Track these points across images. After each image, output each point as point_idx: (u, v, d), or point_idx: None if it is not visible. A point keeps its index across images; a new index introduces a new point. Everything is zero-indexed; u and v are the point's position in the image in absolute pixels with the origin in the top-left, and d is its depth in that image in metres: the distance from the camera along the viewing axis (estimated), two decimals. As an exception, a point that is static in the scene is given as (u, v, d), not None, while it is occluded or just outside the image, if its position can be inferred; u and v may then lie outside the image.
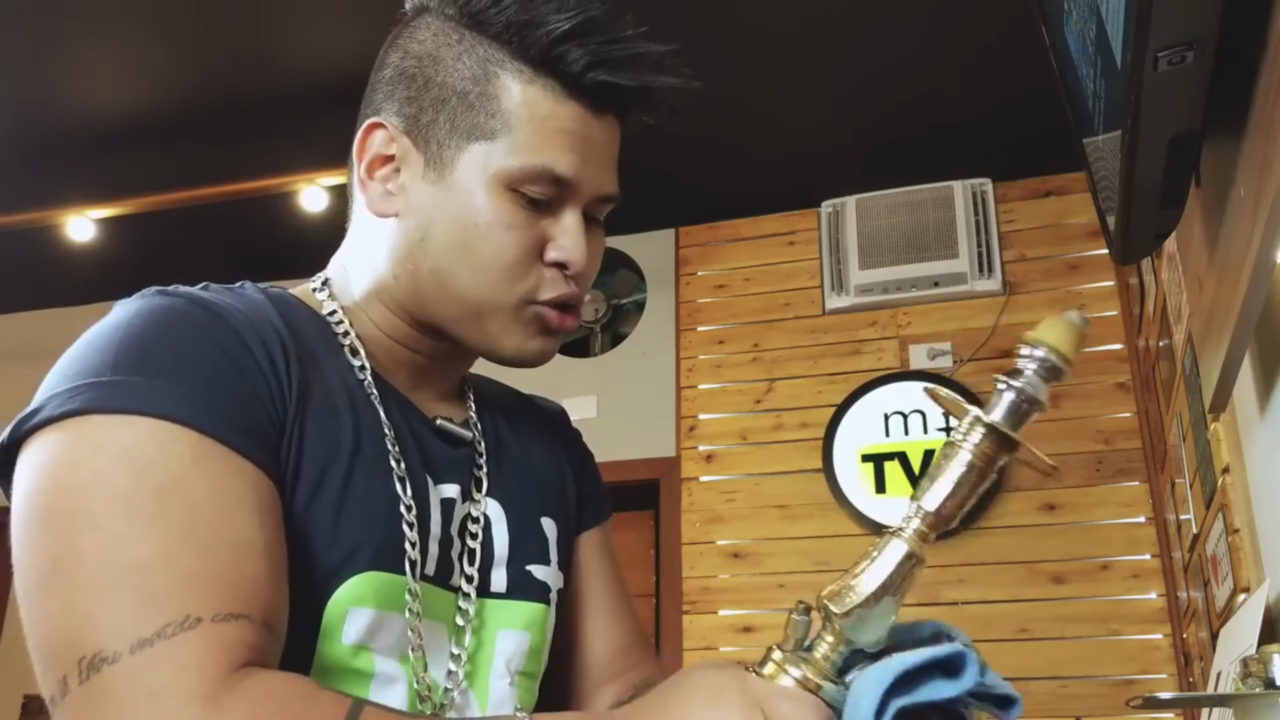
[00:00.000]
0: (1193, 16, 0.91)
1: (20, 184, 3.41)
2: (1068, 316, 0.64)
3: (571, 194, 0.84)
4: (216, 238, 3.73)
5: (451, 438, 0.89)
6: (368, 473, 0.79)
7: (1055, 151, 3.21)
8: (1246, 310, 1.14)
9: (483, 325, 0.85)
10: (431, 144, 0.84)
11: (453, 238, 0.83)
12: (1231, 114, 1.06)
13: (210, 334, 0.73)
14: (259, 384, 0.74)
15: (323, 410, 0.78)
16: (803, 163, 3.47)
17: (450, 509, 0.86)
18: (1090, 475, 3.18)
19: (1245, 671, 1.01)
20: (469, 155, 0.82)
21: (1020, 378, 0.64)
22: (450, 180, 0.83)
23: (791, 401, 3.52)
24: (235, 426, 0.70)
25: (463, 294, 0.84)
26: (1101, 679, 2.99)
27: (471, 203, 0.82)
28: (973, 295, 3.43)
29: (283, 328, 0.79)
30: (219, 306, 0.76)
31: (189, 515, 0.65)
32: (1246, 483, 1.56)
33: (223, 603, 0.63)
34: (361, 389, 0.84)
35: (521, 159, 0.81)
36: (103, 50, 2.92)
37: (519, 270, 0.83)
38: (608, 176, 0.87)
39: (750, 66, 2.97)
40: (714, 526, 3.46)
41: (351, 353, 0.85)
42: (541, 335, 0.86)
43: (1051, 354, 0.63)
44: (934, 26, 2.82)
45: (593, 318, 3.83)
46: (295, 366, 0.77)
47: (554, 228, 0.84)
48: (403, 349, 0.88)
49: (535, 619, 0.89)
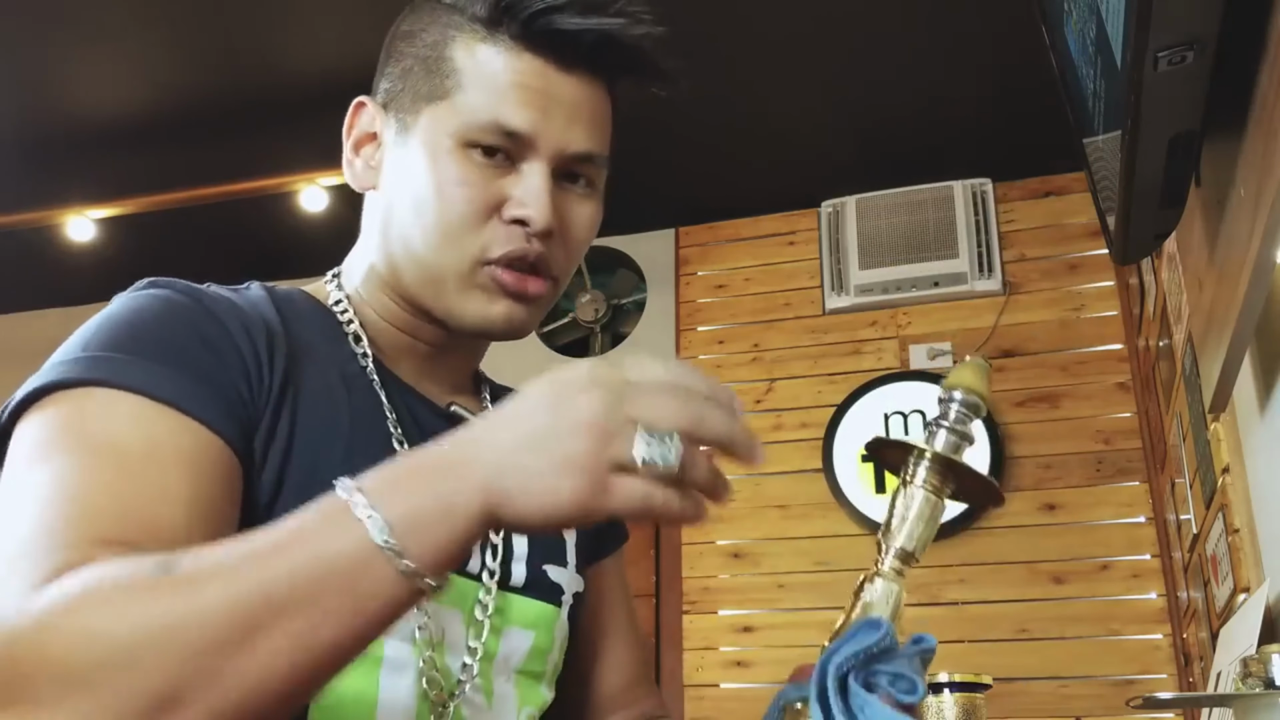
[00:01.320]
0: (1193, 16, 0.91)
1: (20, 184, 3.41)
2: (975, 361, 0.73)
3: (530, 149, 0.82)
4: (216, 238, 3.72)
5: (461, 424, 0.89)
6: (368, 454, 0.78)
7: (1055, 151, 3.21)
8: (1246, 310, 1.14)
9: (441, 290, 0.84)
10: (400, 112, 0.85)
11: (411, 198, 0.83)
12: (1231, 114, 1.06)
13: (184, 315, 0.76)
14: (231, 361, 0.75)
15: (316, 395, 0.79)
16: (803, 163, 3.47)
17: None
18: (1090, 475, 3.18)
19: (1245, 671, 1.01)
20: (425, 117, 0.83)
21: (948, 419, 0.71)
22: (411, 143, 0.84)
23: (791, 401, 3.52)
24: (191, 394, 0.71)
25: (419, 257, 0.83)
26: (1101, 679, 2.98)
27: (426, 161, 0.82)
28: (973, 295, 3.43)
29: (274, 320, 0.80)
30: (201, 294, 0.78)
31: (114, 464, 0.66)
32: (1246, 483, 1.56)
33: (113, 531, 0.63)
34: (363, 376, 0.84)
35: (471, 112, 0.81)
36: (103, 50, 2.92)
37: (470, 227, 0.82)
38: (577, 133, 0.83)
39: (750, 67, 2.97)
40: (714, 526, 3.46)
41: (354, 340, 0.86)
42: (505, 299, 0.84)
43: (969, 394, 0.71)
44: (934, 27, 2.82)
45: (593, 318, 3.83)
46: (281, 354, 0.78)
47: (515, 185, 0.82)
48: (404, 336, 0.88)
49: (544, 619, 0.89)
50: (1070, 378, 3.30)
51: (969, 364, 0.72)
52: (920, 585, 3.15)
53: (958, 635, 3.11)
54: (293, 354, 0.79)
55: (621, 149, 0.90)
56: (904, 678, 0.63)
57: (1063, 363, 3.32)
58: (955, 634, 3.11)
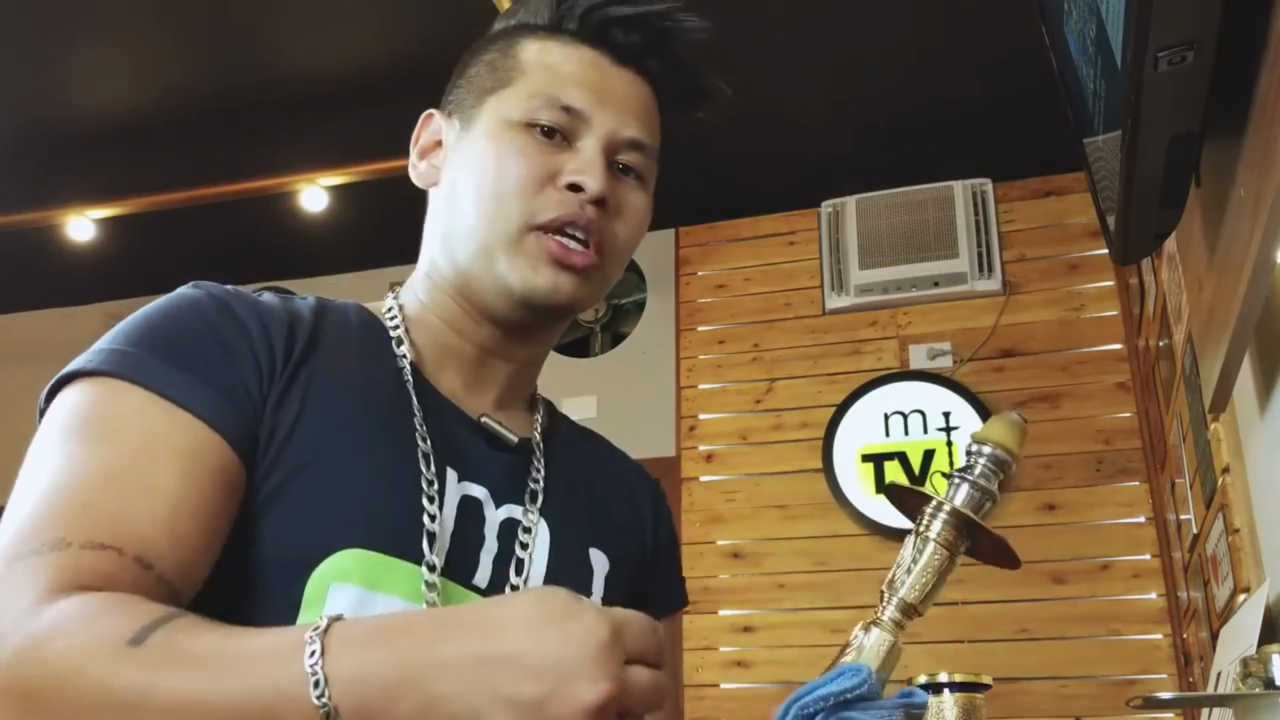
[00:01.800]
0: (1193, 16, 0.91)
1: (20, 184, 3.41)
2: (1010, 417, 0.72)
3: (585, 128, 0.87)
4: (216, 238, 3.73)
5: (495, 439, 0.89)
6: (379, 455, 0.80)
7: (1055, 151, 3.21)
8: (1246, 310, 1.14)
9: (491, 261, 0.86)
10: (464, 110, 0.91)
11: (471, 178, 0.88)
12: (1231, 114, 1.06)
13: (204, 316, 0.79)
14: (242, 360, 0.78)
15: (332, 387, 0.81)
16: (803, 163, 3.47)
17: (474, 508, 0.85)
18: (1090, 475, 3.18)
19: (1245, 671, 1.01)
20: (489, 107, 0.89)
21: (973, 472, 0.70)
22: (474, 131, 0.89)
23: (791, 401, 3.52)
24: (196, 393, 0.74)
25: (472, 227, 0.87)
26: (1101, 679, 2.98)
27: (488, 143, 0.87)
28: (973, 295, 3.43)
29: (306, 319, 0.84)
30: (229, 295, 0.82)
31: (110, 456, 0.71)
32: (1246, 483, 1.56)
33: (96, 533, 0.67)
34: (397, 377, 0.86)
35: (531, 93, 0.87)
36: (103, 50, 2.92)
37: (524, 193, 0.85)
38: (628, 119, 0.89)
39: (750, 67, 2.97)
40: (714, 526, 3.46)
41: (397, 344, 0.88)
42: (550, 267, 0.85)
43: (998, 449, 0.70)
44: (934, 27, 2.82)
45: (593, 318, 3.83)
46: (300, 344, 0.81)
47: (571, 159, 0.86)
48: (453, 336, 0.90)
49: None
50: (1070, 378, 3.30)
51: (1003, 419, 0.70)
52: (920, 585, 3.15)
53: (958, 635, 3.11)
54: (314, 345, 0.82)
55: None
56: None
57: (1063, 363, 3.32)
58: (955, 634, 3.11)
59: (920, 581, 0.69)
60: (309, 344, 0.82)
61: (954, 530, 0.69)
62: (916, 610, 0.69)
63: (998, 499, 0.70)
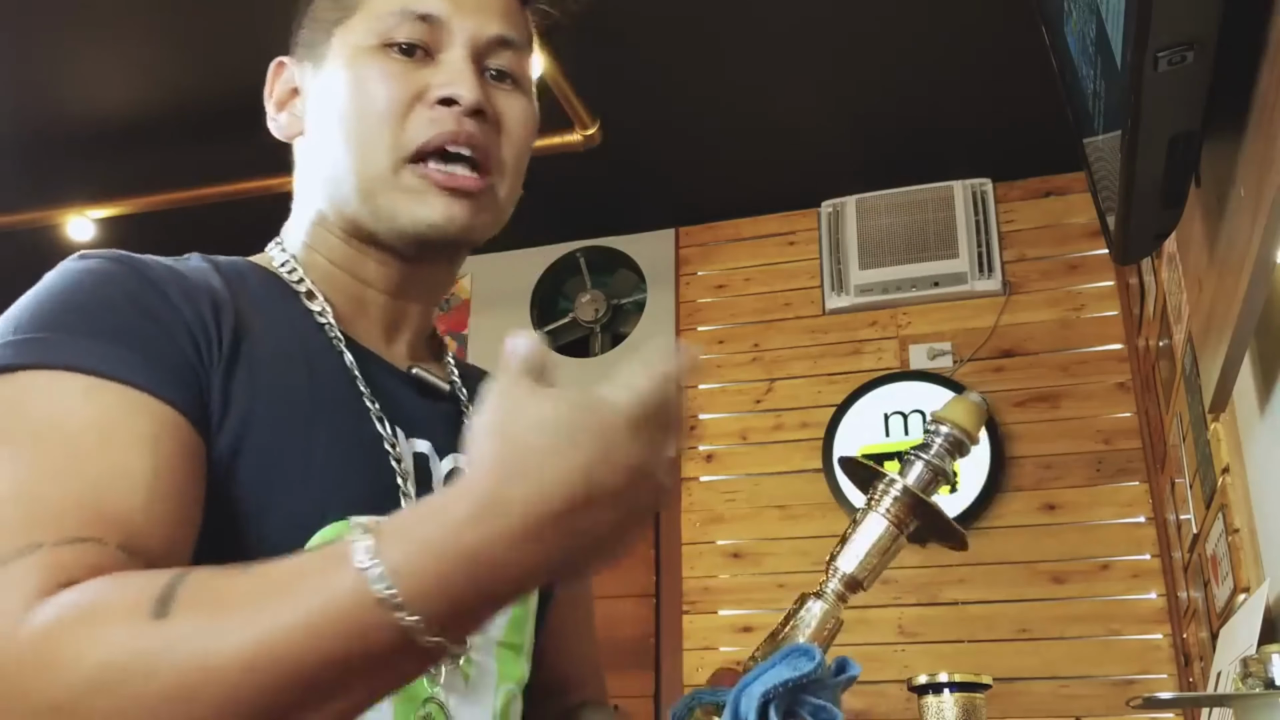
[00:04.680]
0: (1193, 16, 0.91)
1: (20, 184, 3.40)
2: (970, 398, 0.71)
3: (446, 36, 0.81)
4: (216, 238, 3.71)
5: (428, 389, 0.86)
6: (334, 420, 0.76)
7: (1055, 151, 3.20)
8: (1246, 310, 1.14)
9: (374, 201, 0.81)
10: (314, 50, 0.85)
11: (334, 116, 0.82)
12: (1231, 114, 1.06)
13: (119, 284, 0.72)
14: (175, 329, 0.71)
15: (272, 361, 0.76)
16: (803, 163, 3.47)
17: (424, 465, 0.82)
18: (1090, 475, 3.18)
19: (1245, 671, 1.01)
20: (337, 39, 0.83)
21: (929, 451, 0.70)
22: (326, 69, 0.83)
23: (791, 401, 3.52)
24: (137, 366, 0.68)
25: (349, 168, 0.81)
26: (1101, 679, 2.98)
27: (344, 75, 0.81)
28: (973, 295, 3.43)
29: (220, 285, 0.77)
30: (136, 260, 0.75)
31: (63, 449, 0.63)
32: (1246, 483, 1.55)
33: (70, 528, 0.60)
34: (323, 334, 0.81)
35: (378, 12, 0.81)
36: (102, 50, 2.92)
37: (393, 119, 0.79)
38: (491, 17, 0.82)
39: (750, 66, 2.97)
40: (714, 526, 3.46)
41: (308, 298, 0.83)
42: (440, 196, 0.80)
43: (955, 430, 0.69)
44: (934, 26, 2.82)
45: (592, 318, 3.83)
46: (228, 320, 0.75)
47: (437, 73, 0.80)
48: (353, 282, 0.85)
49: None
50: (1070, 378, 3.30)
51: (963, 400, 0.70)
52: (920, 585, 3.15)
53: (958, 635, 3.11)
54: (241, 319, 0.76)
55: (622, 149, 0.90)
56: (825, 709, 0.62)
57: (1063, 363, 3.32)
58: (955, 634, 3.11)
59: (865, 556, 0.69)
60: (236, 314, 0.76)
61: (903, 507, 0.69)
62: (861, 586, 0.69)
63: (951, 479, 0.70)
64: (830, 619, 0.68)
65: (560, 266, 3.88)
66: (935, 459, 0.69)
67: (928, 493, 0.69)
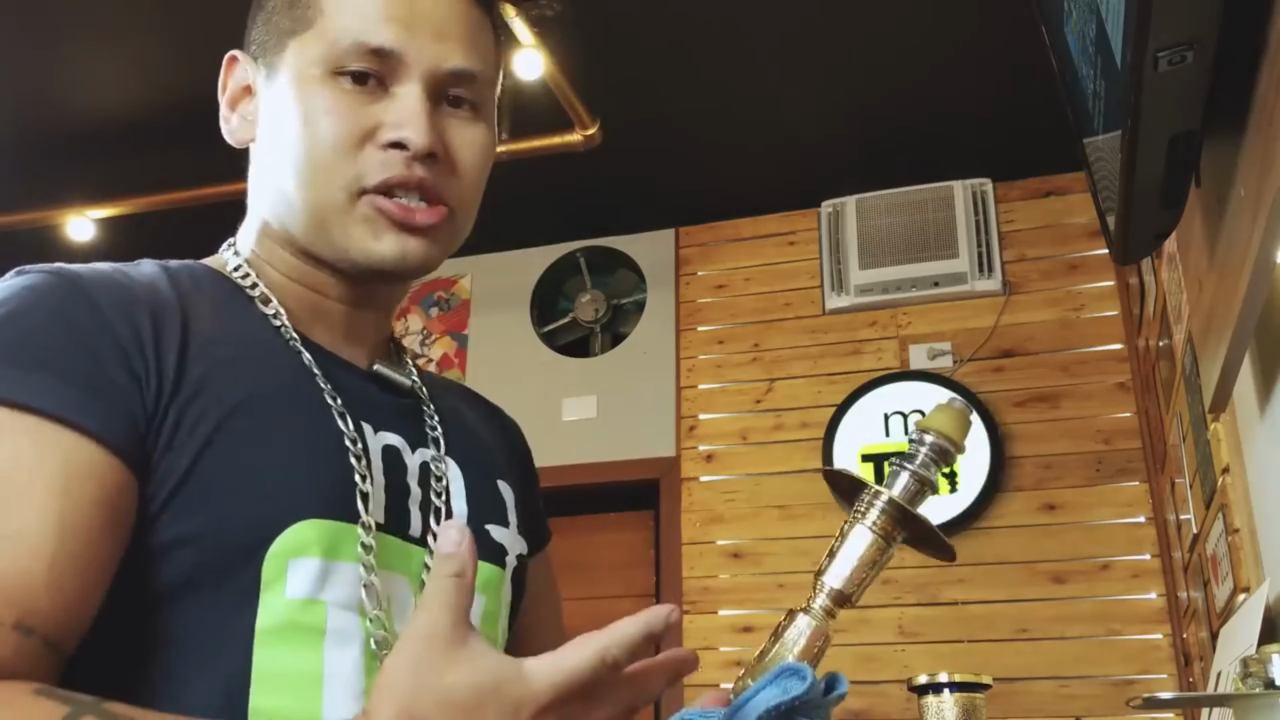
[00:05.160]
0: (1193, 16, 0.91)
1: (20, 184, 3.41)
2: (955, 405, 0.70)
3: (403, 69, 0.77)
4: (216, 238, 3.71)
5: (389, 385, 0.85)
6: (295, 421, 0.75)
7: (1055, 151, 3.21)
8: (1246, 310, 1.14)
9: (323, 230, 0.79)
10: (267, 56, 0.82)
11: (284, 138, 0.79)
12: (1231, 114, 1.06)
13: (49, 304, 0.69)
14: (105, 350, 0.68)
15: (225, 363, 0.74)
16: (803, 163, 3.47)
17: (396, 457, 0.81)
18: (1090, 475, 3.18)
19: (1245, 671, 1.01)
20: (291, 52, 0.79)
21: (914, 461, 0.68)
22: (279, 82, 0.80)
23: (791, 401, 3.52)
24: (60, 396, 0.65)
25: (296, 197, 0.79)
26: (1101, 679, 2.98)
27: (295, 96, 0.78)
28: (973, 295, 3.43)
29: (166, 294, 0.75)
30: (71, 275, 0.72)
31: None
32: (1246, 483, 1.55)
33: None
34: (279, 336, 0.79)
35: (336, 38, 0.77)
36: (102, 50, 2.92)
37: (341, 155, 0.77)
38: (450, 48, 0.78)
39: (750, 66, 2.97)
40: (714, 526, 3.46)
41: (263, 302, 0.81)
42: (392, 231, 0.78)
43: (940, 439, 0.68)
44: (934, 27, 2.82)
45: (592, 318, 3.83)
46: (174, 330, 0.72)
47: (389, 109, 0.77)
48: (312, 294, 0.83)
49: (490, 581, 0.85)
50: (1070, 378, 3.30)
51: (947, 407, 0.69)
52: (920, 585, 3.15)
53: (958, 635, 3.11)
54: (189, 328, 0.74)
55: (622, 149, 0.89)
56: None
57: (1063, 363, 3.32)
58: (955, 634, 3.11)
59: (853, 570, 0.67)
60: (183, 323, 0.73)
61: (890, 519, 0.68)
62: (849, 601, 0.68)
63: (936, 488, 0.69)
64: (819, 636, 0.67)
65: (560, 266, 3.88)
66: (921, 469, 0.68)
67: (914, 504, 0.68)
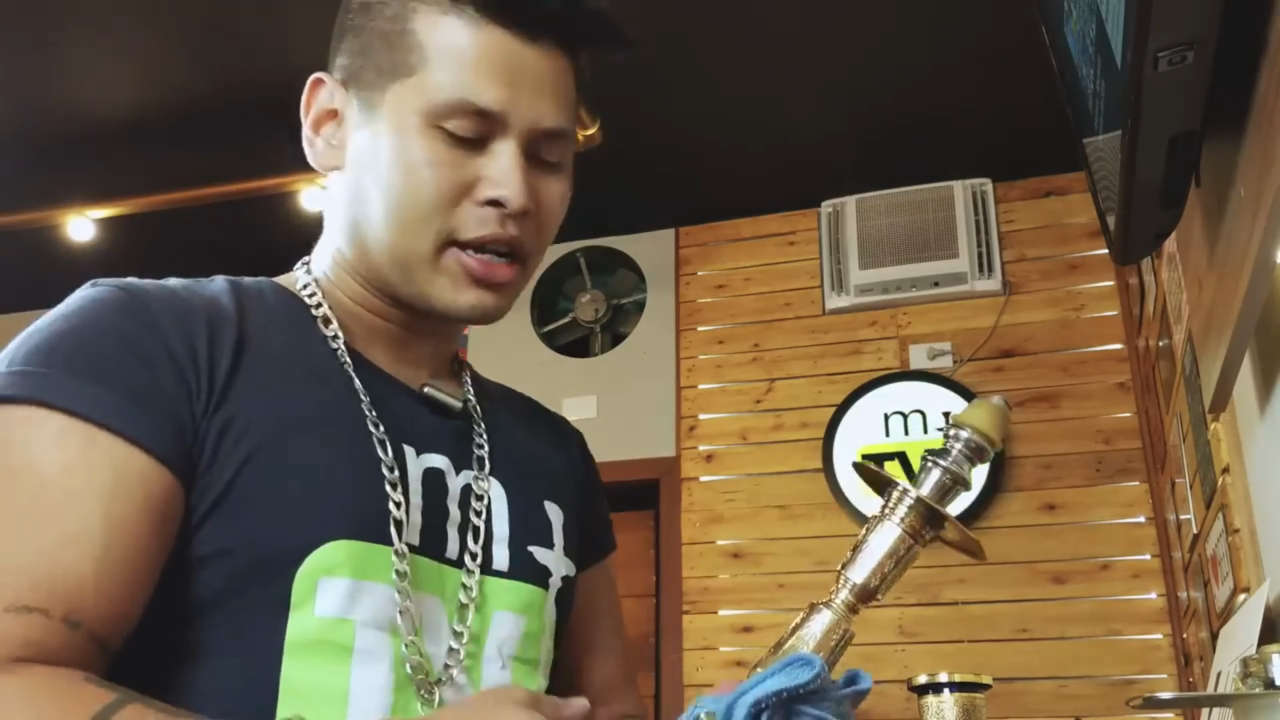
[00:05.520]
0: (1193, 16, 0.91)
1: (20, 184, 3.41)
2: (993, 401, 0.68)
3: (502, 128, 0.79)
4: (216, 238, 3.72)
5: (439, 407, 0.87)
6: (334, 440, 0.77)
7: (1055, 151, 3.21)
8: (1246, 310, 1.14)
9: (408, 274, 0.82)
10: (363, 90, 0.82)
11: (379, 180, 0.80)
12: (1231, 114, 1.06)
13: (112, 319, 0.73)
14: (161, 363, 0.72)
15: (275, 380, 0.76)
16: (803, 163, 3.47)
17: (438, 480, 0.83)
18: (1090, 475, 3.18)
19: (1245, 671, 1.01)
20: (392, 94, 0.80)
21: (947, 457, 0.67)
22: (378, 123, 0.81)
23: (791, 401, 3.52)
24: (114, 408, 0.69)
25: (386, 240, 0.81)
26: (1101, 679, 2.98)
27: (395, 143, 0.79)
28: (973, 295, 3.43)
29: (227, 309, 0.78)
30: (136, 290, 0.76)
31: (28, 499, 0.66)
32: (1246, 483, 1.55)
33: (20, 594, 0.63)
34: (333, 360, 0.82)
35: (440, 91, 0.78)
36: (103, 50, 2.92)
37: (440, 209, 0.79)
38: (547, 108, 0.81)
39: (751, 66, 2.97)
40: (714, 526, 3.46)
41: (324, 323, 0.84)
42: (475, 287, 0.81)
43: (976, 435, 0.66)
44: (934, 27, 2.82)
45: (592, 318, 3.83)
46: (228, 344, 0.76)
47: (488, 165, 0.79)
48: (376, 320, 0.86)
49: (533, 602, 0.87)
50: (1070, 378, 3.30)
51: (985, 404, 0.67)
52: (920, 585, 3.15)
53: (958, 635, 3.11)
54: (244, 343, 0.77)
55: (622, 149, 0.89)
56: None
57: (1063, 363, 3.32)
58: (955, 634, 3.11)
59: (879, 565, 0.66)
60: (237, 332, 0.77)
61: (919, 517, 0.66)
62: (874, 596, 0.67)
63: (969, 485, 0.67)
64: (837, 630, 0.65)
65: (560, 266, 3.88)
66: (954, 465, 0.66)
67: (945, 501, 0.66)
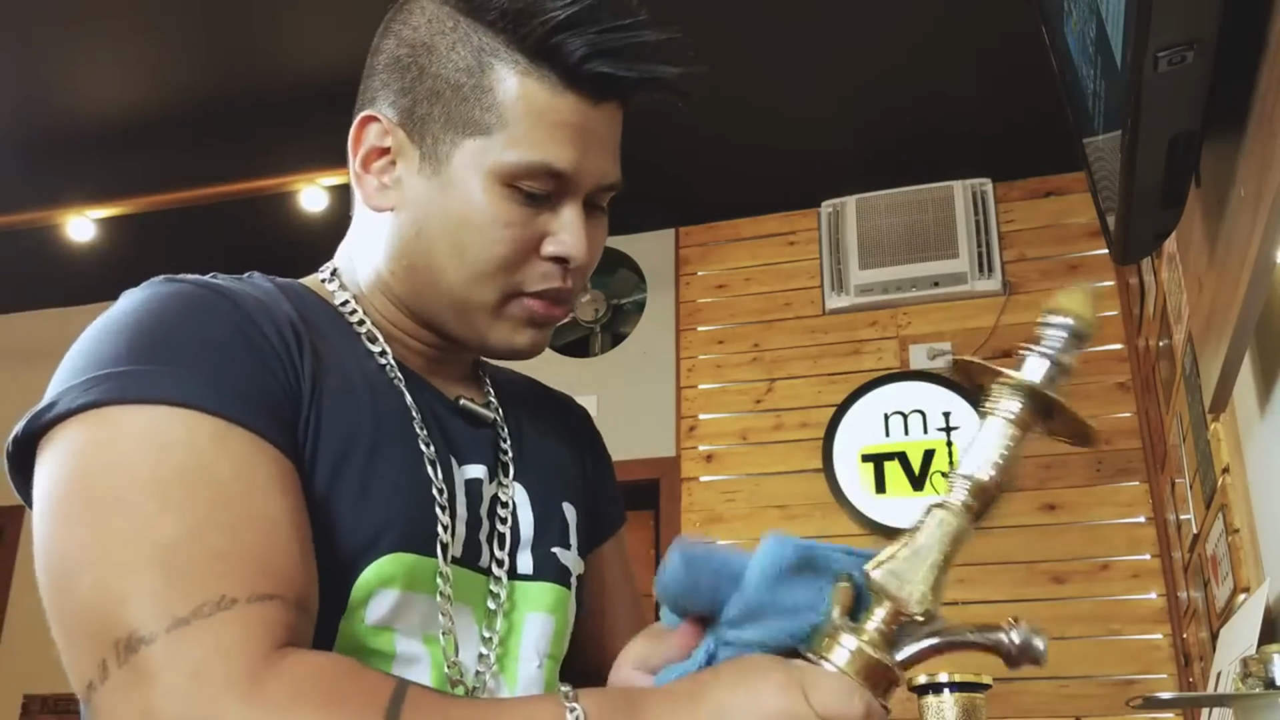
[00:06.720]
0: (1193, 16, 0.91)
1: (20, 184, 3.41)
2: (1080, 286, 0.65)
3: (571, 187, 0.82)
4: (216, 238, 3.72)
5: (474, 418, 0.89)
6: (393, 455, 0.79)
7: (1055, 151, 3.21)
8: (1246, 310, 1.14)
9: (469, 320, 0.84)
10: (427, 138, 0.82)
11: (448, 234, 0.81)
12: (1231, 114, 1.07)
13: (222, 317, 0.73)
14: (274, 366, 0.73)
15: (340, 393, 0.78)
16: (803, 163, 3.47)
17: (477, 490, 0.85)
18: (1090, 475, 3.18)
19: (1245, 671, 1.01)
20: (465, 151, 0.80)
21: (1050, 344, 0.64)
22: (446, 176, 0.81)
23: (791, 401, 3.52)
24: (253, 409, 0.69)
25: (451, 290, 0.83)
26: (1101, 679, 2.98)
27: (468, 200, 0.80)
28: (973, 295, 3.43)
29: (293, 313, 0.79)
30: (229, 290, 0.76)
31: (216, 495, 0.65)
32: (1246, 483, 1.56)
33: (256, 583, 0.62)
34: (383, 374, 0.83)
35: (519, 154, 0.79)
36: (103, 50, 2.92)
37: (511, 266, 0.82)
38: (609, 166, 0.84)
39: (751, 66, 2.97)
40: (714, 526, 3.46)
41: (369, 339, 0.85)
42: (530, 328, 0.85)
43: (1077, 320, 0.64)
44: (934, 27, 2.82)
45: (593, 318, 3.83)
46: (308, 350, 0.77)
47: (553, 221, 0.82)
48: (411, 339, 0.88)
49: (559, 601, 0.89)
50: (1070, 378, 3.30)
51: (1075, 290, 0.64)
52: (920, 585, 3.15)
53: (958, 635, 3.11)
54: (316, 350, 0.78)
55: (621, 149, 0.89)
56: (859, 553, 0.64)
57: (1063, 363, 3.32)
58: (955, 634, 3.11)
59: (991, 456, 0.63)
60: (311, 345, 0.78)
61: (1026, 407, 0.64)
62: (987, 491, 0.64)
63: (1070, 372, 0.65)
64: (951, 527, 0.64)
65: (560, 266, 3.88)
66: (1054, 351, 0.64)
67: (1050, 388, 0.64)
